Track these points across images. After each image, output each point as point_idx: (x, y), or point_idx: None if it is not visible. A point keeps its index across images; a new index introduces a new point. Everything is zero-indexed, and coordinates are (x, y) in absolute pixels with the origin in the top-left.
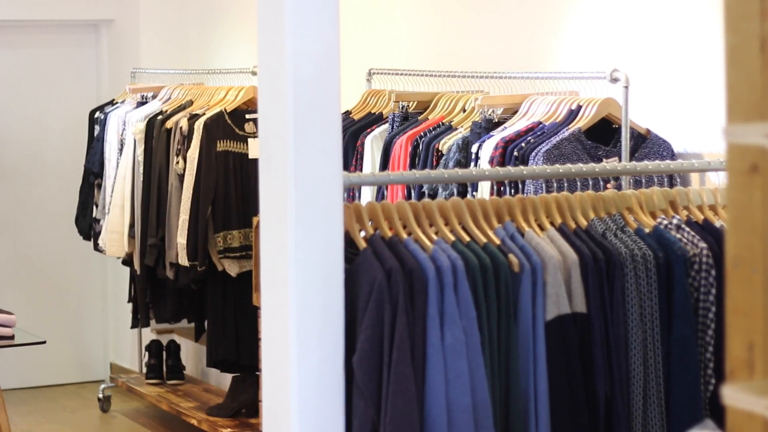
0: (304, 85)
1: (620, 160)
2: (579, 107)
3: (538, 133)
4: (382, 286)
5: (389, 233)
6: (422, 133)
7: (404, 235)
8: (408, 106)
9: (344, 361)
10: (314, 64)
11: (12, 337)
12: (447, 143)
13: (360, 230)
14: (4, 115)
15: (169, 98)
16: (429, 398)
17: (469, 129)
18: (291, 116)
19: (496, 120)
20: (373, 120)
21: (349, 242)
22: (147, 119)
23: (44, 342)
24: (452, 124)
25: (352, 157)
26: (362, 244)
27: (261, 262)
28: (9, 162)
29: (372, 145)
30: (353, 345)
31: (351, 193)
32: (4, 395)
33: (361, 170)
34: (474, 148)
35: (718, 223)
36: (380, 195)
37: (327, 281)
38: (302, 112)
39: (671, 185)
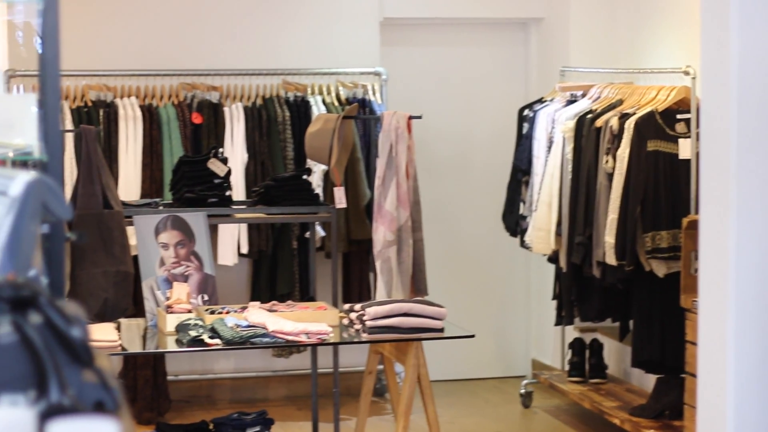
0: (748, 84)
1: None
2: None
3: None
4: None
5: None
6: None
7: None
8: None
9: None
10: (759, 62)
11: (442, 330)
12: None
13: None
14: (437, 111)
15: (599, 97)
16: None
17: None
18: (735, 116)
19: None
20: None
21: None
22: (576, 118)
23: (473, 336)
24: None
25: None
26: None
27: (700, 264)
28: (440, 157)
29: None
30: None
31: None
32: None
33: None
34: None
35: None
36: None
37: None
38: (746, 112)
39: None
